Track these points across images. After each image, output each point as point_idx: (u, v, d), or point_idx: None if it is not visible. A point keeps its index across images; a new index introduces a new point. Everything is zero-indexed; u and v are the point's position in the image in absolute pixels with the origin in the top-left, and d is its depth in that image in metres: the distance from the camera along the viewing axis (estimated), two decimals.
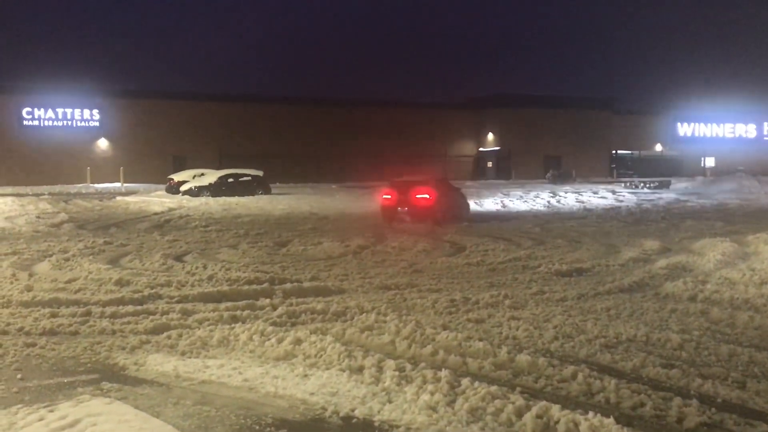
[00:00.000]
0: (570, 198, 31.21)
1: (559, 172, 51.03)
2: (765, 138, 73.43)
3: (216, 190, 32.71)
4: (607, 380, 4.89)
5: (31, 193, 35.80)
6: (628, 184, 43.69)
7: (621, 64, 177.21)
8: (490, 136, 63.46)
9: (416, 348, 5.78)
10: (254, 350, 5.97)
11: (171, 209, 24.25)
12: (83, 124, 49.61)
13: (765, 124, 73.42)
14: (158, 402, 4.71)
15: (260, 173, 35.84)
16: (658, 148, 67.32)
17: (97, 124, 49.79)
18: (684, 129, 69.53)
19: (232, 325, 6.78)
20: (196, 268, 10.66)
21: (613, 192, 35.61)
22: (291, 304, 7.87)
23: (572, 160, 60.05)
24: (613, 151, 63.91)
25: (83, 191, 38.89)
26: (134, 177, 46.86)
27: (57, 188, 41.01)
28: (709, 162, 67.40)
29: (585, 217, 22.00)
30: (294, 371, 5.31)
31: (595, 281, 9.56)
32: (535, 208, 26.71)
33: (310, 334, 6.16)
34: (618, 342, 6.12)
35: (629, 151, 64.48)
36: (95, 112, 49.80)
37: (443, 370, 5.01)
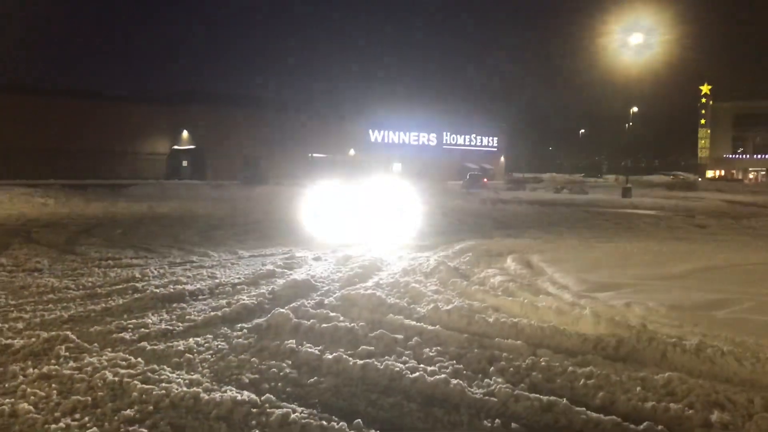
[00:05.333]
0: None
1: (251, 173, 49.98)
2: (444, 146, 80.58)
3: None
4: None
5: None
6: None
7: (317, 70, 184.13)
8: (185, 134, 60.63)
9: None
10: None
11: None
12: None
13: (444, 133, 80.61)
14: None
15: None
16: (352, 152, 70.03)
17: None
18: (375, 135, 73.32)
19: None
20: None
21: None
22: None
23: (270, 161, 59.66)
24: (310, 154, 64.93)
25: None
26: None
27: None
28: (397, 167, 71.77)
29: (260, 221, 20.87)
30: None
31: (204, 307, 8.12)
32: (217, 212, 25.04)
33: None
34: (154, 411, 4.63)
35: (324, 155, 65.98)
36: None
37: None
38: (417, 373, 5.42)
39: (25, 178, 41.86)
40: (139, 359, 5.86)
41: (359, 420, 4.46)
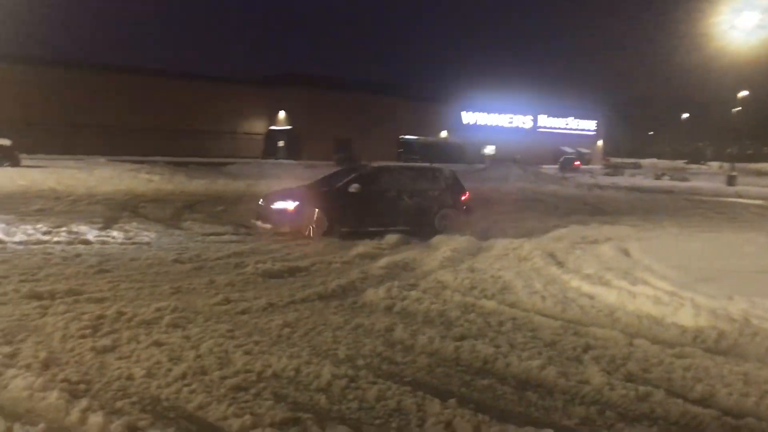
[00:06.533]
0: None
1: (344, 154, 50.72)
2: (539, 129, 79.01)
3: None
4: None
5: None
6: None
7: (411, 53, 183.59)
8: (282, 115, 62.01)
9: None
10: None
11: None
12: None
13: (539, 116, 78.98)
14: None
15: (7, 142, 31.71)
16: (444, 134, 69.70)
17: None
18: (468, 118, 72.67)
19: None
20: None
21: None
22: None
23: (361, 143, 60.22)
24: (401, 137, 65.05)
25: None
26: None
27: None
28: (489, 150, 70.95)
29: None
30: None
31: (301, 284, 8.40)
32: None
33: None
34: (258, 380, 4.90)
35: (415, 137, 65.90)
36: None
37: None
38: (511, 357, 5.48)
39: (131, 155, 43.88)
40: (242, 331, 6.16)
41: (453, 399, 4.55)
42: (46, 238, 11.35)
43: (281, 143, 60.93)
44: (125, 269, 9.13)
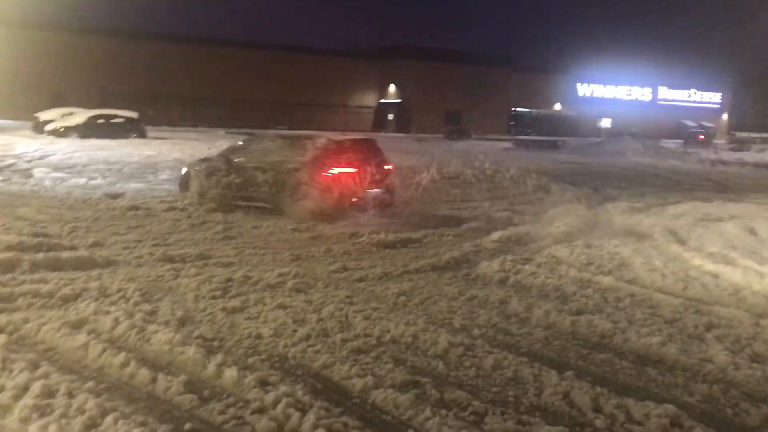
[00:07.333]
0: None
1: (456, 128, 50.40)
2: (658, 102, 75.47)
3: (84, 131, 30.43)
4: (313, 412, 3.81)
5: None
6: (520, 143, 43.48)
7: (522, 22, 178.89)
8: (392, 88, 62.23)
9: (108, 356, 4.56)
10: None
11: (24, 151, 21.77)
12: None
13: (659, 88, 75.36)
14: None
15: (135, 115, 33.64)
16: (558, 107, 67.86)
17: None
18: (583, 90, 70.40)
19: None
20: None
21: (506, 150, 35.13)
22: (24, 282, 6.45)
23: (471, 116, 59.59)
24: (512, 109, 63.81)
25: None
26: (6, 113, 42.66)
27: None
28: (606, 123, 68.47)
29: (458, 176, 21.10)
30: None
31: (414, 255, 8.57)
32: (418, 164, 25.75)
33: None
34: (377, 344, 5.09)
35: (528, 110, 64.46)
36: None
37: (99, 397, 3.83)
38: (629, 333, 5.41)
39: (247, 128, 45.45)
40: (360, 297, 6.40)
41: (571, 372, 4.57)
42: (173, 206, 12.06)
43: (391, 116, 61.18)
44: (248, 236, 9.61)
